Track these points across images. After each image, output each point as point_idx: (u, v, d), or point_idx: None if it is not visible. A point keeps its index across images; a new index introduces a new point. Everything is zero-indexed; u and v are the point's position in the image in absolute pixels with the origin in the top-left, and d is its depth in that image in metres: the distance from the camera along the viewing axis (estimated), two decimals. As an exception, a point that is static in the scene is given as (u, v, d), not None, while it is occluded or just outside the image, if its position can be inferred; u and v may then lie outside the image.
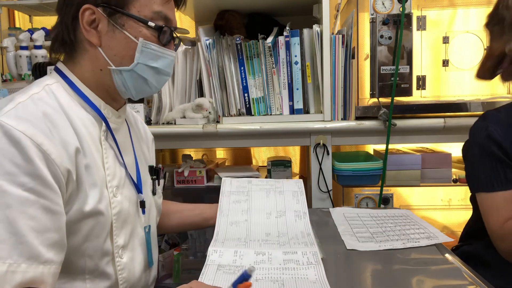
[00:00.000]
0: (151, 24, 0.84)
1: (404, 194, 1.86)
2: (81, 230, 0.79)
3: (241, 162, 2.39)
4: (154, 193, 1.03)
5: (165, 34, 0.87)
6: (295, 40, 1.61)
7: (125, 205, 0.88)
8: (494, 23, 0.95)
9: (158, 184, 1.05)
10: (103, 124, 0.87)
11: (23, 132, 0.69)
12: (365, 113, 1.60)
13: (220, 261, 0.89)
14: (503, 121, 1.07)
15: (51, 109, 0.78)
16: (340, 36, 1.58)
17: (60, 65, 0.89)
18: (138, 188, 0.94)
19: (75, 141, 0.78)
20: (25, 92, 0.80)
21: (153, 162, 1.10)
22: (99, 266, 0.83)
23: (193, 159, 1.93)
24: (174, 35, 0.91)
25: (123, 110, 0.96)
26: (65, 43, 0.87)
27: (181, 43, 1.00)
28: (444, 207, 1.92)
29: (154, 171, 1.03)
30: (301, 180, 1.25)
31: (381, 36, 1.53)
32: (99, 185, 0.82)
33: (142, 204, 0.94)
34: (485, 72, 0.98)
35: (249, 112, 1.67)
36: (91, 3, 0.82)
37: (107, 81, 0.87)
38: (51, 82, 0.84)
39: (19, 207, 0.67)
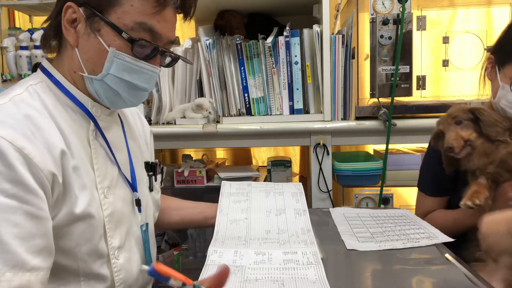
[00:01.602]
0: (125, 35, 0.77)
1: (404, 194, 1.86)
2: (72, 234, 0.77)
3: (241, 162, 2.40)
4: (151, 189, 1.00)
5: (142, 48, 0.80)
6: (295, 40, 1.62)
7: (118, 205, 0.86)
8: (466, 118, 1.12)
9: (155, 180, 1.02)
10: (91, 123, 0.84)
11: (3, 137, 0.67)
12: (365, 113, 1.60)
13: (220, 261, 0.88)
14: None
15: (34, 111, 0.75)
16: (340, 36, 1.58)
17: (45, 63, 0.86)
18: (132, 186, 0.92)
19: (61, 143, 0.76)
20: (6, 94, 0.77)
21: (152, 156, 1.08)
22: (93, 268, 0.81)
23: (193, 159, 1.93)
24: (162, 49, 0.83)
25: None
26: (48, 38, 0.85)
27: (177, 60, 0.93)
28: (444, 207, 1.91)
29: (150, 167, 1.00)
30: (301, 183, 1.26)
31: (381, 36, 1.53)
32: (88, 187, 0.79)
33: (138, 203, 0.92)
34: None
35: (249, 112, 1.67)
36: (75, 1, 0.79)
37: (81, 85, 0.84)
38: (35, 82, 0.81)
39: (1, 215, 0.65)
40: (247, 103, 1.67)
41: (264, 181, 1.85)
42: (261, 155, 2.42)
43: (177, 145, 1.72)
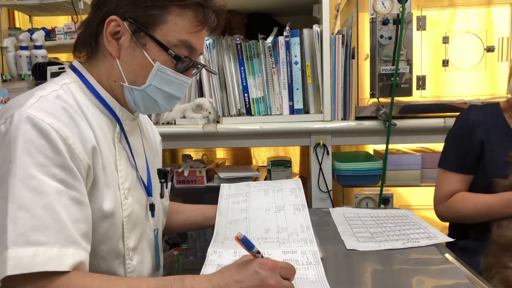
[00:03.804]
0: (171, 52, 0.83)
1: (404, 194, 1.86)
2: (97, 231, 0.79)
3: (241, 162, 2.39)
4: (162, 196, 1.03)
5: (184, 63, 0.86)
6: (295, 40, 1.62)
7: (136, 207, 0.88)
8: None
9: (166, 187, 1.05)
10: (117, 126, 0.88)
11: (50, 125, 0.71)
12: (365, 113, 1.60)
13: (219, 261, 0.88)
14: (485, 113, 1.25)
15: (69, 107, 0.78)
16: (340, 36, 1.58)
17: (76, 64, 0.89)
18: (148, 191, 0.94)
19: (92, 139, 0.79)
20: (44, 88, 0.80)
21: (160, 164, 1.11)
22: (111, 267, 0.83)
23: (193, 159, 1.93)
24: (196, 63, 0.90)
25: (138, 113, 0.96)
26: (86, 45, 0.87)
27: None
28: (444, 207, 1.91)
29: (162, 174, 1.03)
30: (299, 178, 1.25)
31: (381, 36, 1.53)
32: (112, 186, 0.82)
33: (152, 207, 0.94)
34: None
35: (249, 112, 1.67)
36: (119, 15, 0.81)
37: (119, 93, 0.87)
38: (68, 81, 0.84)
39: (53, 197, 0.68)
40: (247, 103, 1.67)
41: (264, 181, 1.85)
42: (261, 155, 2.42)
43: (177, 145, 1.72)
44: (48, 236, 0.66)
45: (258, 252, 0.75)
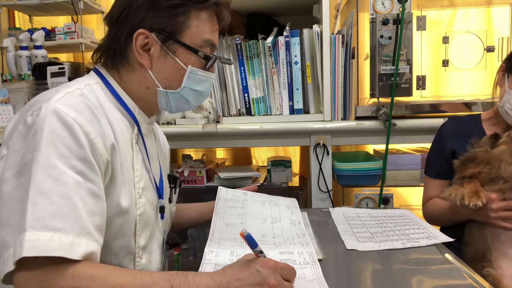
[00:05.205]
0: (201, 54, 0.89)
1: (404, 194, 1.86)
2: (111, 227, 0.81)
3: (241, 162, 2.39)
4: (170, 201, 1.05)
5: (211, 61, 0.92)
6: (295, 40, 1.61)
7: (148, 208, 0.91)
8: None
9: (174, 193, 1.08)
10: (135, 127, 0.91)
11: (74, 119, 0.74)
12: (365, 113, 1.60)
13: (216, 260, 0.88)
14: (461, 124, 1.34)
15: (92, 105, 0.82)
16: (340, 36, 1.58)
17: (100, 68, 0.92)
18: (159, 193, 0.96)
19: (112, 137, 0.82)
20: (69, 85, 0.83)
21: (168, 170, 1.14)
22: (122, 263, 0.85)
23: (193, 159, 1.93)
24: (218, 57, 0.96)
25: (154, 117, 1.00)
26: (115, 57, 0.90)
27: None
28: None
29: (172, 180, 1.07)
30: (295, 198, 1.27)
31: (381, 36, 1.53)
32: (127, 184, 0.85)
33: (162, 209, 0.96)
34: None
35: (249, 112, 1.67)
36: (146, 27, 0.85)
37: (151, 98, 0.92)
38: (92, 82, 0.88)
39: (71, 187, 0.71)
40: (247, 103, 1.67)
41: (264, 181, 1.85)
42: (261, 155, 2.41)
43: (177, 145, 1.72)
44: (65, 223, 0.68)
45: (261, 252, 0.76)
